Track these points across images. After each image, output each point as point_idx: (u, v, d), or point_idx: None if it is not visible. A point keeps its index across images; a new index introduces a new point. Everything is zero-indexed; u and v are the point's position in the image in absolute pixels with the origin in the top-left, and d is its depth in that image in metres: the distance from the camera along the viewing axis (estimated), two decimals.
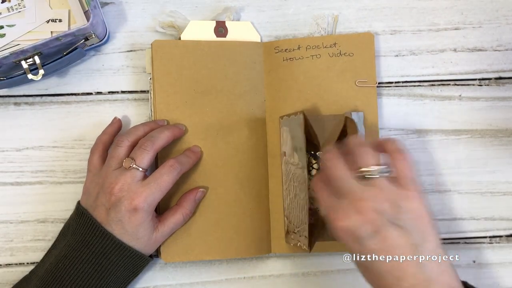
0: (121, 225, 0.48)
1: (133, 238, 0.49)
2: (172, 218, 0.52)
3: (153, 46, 0.54)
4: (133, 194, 0.48)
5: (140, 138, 0.51)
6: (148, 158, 0.49)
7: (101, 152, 0.52)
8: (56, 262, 0.49)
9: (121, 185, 0.48)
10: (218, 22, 0.57)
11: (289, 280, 0.58)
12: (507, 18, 0.59)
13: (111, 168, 0.50)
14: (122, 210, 0.48)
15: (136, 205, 0.48)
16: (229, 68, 0.56)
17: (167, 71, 0.54)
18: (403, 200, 0.43)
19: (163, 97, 0.54)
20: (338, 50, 0.56)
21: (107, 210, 0.49)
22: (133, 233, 0.49)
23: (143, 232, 0.49)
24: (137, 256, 0.50)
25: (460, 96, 0.59)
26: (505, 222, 0.58)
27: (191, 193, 0.53)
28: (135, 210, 0.48)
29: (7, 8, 0.55)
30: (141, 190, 0.48)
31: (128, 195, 0.48)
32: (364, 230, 0.42)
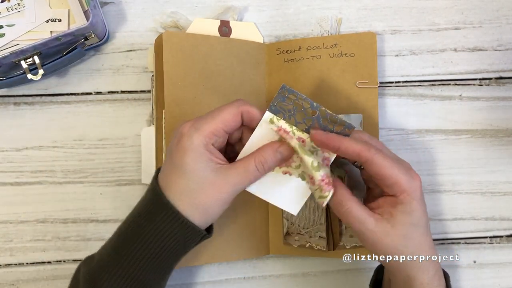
0: (169, 157, 0.42)
1: (181, 173, 0.40)
2: (243, 162, 0.42)
3: (164, 37, 0.52)
4: (188, 121, 0.42)
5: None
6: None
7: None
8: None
9: (192, 119, 0.43)
10: (222, 21, 0.57)
11: (289, 280, 0.58)
12: (508, 18, 0.59)
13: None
14: (173, 139, 0.42)
15: (182, 130, 0.41)
16: (237, 67, 0.56)
17: (177, 63, 0.53)
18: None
19: (172, 89, 0.52)
20: (339, 51, 0.56)
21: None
22: (180, 166, 0.40)
23: (191, 163, 0.40)
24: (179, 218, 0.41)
25: (461, 96, 0.59)
26: (505, 222, 0.58)
27: (272, 142, 0.43)
28: (181, 135, 0.41)
29: (7, 8, 0.55)
30: (198, 117, 0.42)
31: (185, 123, 0.42)
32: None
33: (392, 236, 0.42)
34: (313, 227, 0.54)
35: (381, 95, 0.58)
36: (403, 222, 0.42)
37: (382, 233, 0.42)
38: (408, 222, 0.42)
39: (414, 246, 0.43)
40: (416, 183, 0.42)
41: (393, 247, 0.42)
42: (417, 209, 0.42)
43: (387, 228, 0.42)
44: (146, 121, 0.58)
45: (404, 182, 0.42)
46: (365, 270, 0.58)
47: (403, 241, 0.42)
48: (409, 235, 0.42)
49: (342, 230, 0.55)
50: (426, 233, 0.44)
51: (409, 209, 0.42)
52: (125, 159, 0.57)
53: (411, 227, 0.42)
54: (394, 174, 0.42)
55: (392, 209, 0.42)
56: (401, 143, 0.58)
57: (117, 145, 0.57)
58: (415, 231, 0.43)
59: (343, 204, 0.42)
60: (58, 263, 0.57)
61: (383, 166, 0.42)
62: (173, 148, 0.42)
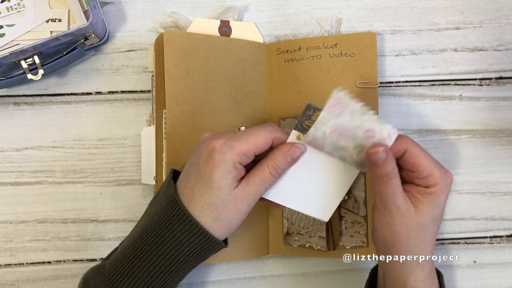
0: (196, 169, 0.42)
1: (207, 188, 0.41)
2: (257, 171, 0.43)
3: (165, 37, 0.52)
4: (220, 137, 0.43)
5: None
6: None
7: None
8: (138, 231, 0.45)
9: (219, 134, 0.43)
10: (222, 21, 0.57)
11: (289, 280, 0.58)
12: (508, 18, 0.59)
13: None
14: (202, 152, 0.42)
15: (214, 145, 0.42)
16: (237, 67, 0.56)
17: (178, 63, 0.53)
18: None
19: (173, 89, 0.52)
20: (339, 51, 0.56)
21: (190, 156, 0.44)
22: (208, 180, 0.41)
23: (219, 179, 0.41)
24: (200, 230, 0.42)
25: (461, 96, 0.59)
26: (505, 222, 0.58)
27: (281, 146, 0.44)
28: (213, 150, 0.42)
29: (7, 8, 0.55)
30: (230, 134, 0.43)
31: (214, 138, 0.43)
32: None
33: (410, 219, 0.43)
34: (313, 227, 0.54)
35: (381, 95, 0.58)
36: (426, 212, 0.43)
37: (406, 212, 0.43)
38: (430, 214, 0.43)
39: (423, 240, 0.44)
40: (448, 180, 0.44)
41: (405, 231, 0.43)
42: (442, 205, 0.44)
43: (411, 210, 0.43)
44: (146, 121, 0.58)
45: (438, 175, 0.43)
46: (365, 270, 0.58)
47: (417, 230, 0.43)
48: (425, 227, 0.43)
49: (342, 230, 0.55)
50: (436, 231, 0.45)
51: (437, 202, 0.43)
52: (125, 159, 0.57)
53: (430, 220, 0.43)
54: (429, 166, 0.43)
55: (420, 196, 0.43)
56: None
57: (117, 145, 0.57)
58: (432, 226, 0.44)
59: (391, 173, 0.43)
60: (58, 263, 0.57)
61: (419, 156, 0.43)
62: (202, 162, 0.42)
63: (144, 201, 0.57)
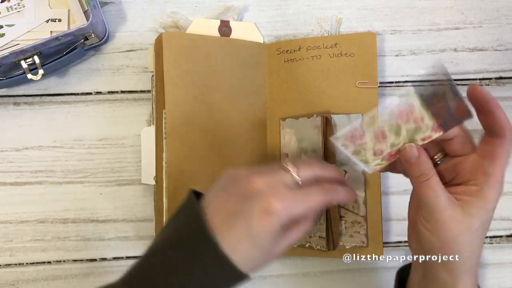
0: (246, 224, 0.38)
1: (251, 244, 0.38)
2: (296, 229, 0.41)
3: (164, 37, 0.52)
4: (277, 193, 0.39)
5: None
6: (311, 174, 0.41)
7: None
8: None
9: (267, 178, 0.39)
10: (222, 21, 0.57)
11: (289, 280, 0.58)
12: (508, 18, 0.59)
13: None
14: (255, 207, 0.38)
15: (273, 207, 0.38)
16: (237, 67, 0.56)
17: (177, 63, 0.53)
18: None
19: (172, 89, 0.52)
20: (339, 51, 0.56)
21: (234, 198, 0.39)
22: (255, 237, 0.38)
23: (267, 241, 0.38)
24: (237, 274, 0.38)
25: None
26: (505, 222, 0.58)
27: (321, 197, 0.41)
28: (270, 211, 0.38)
29: (7, 8, 0.55)
30: (288, 193, 0.39)
31: (270, 192, 0.38)
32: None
33: (459, 223, 0.40)
34: (313, 227, 0.54)
35: (381, 95, 0.58)
36: (476, 215, 0.40)
37: (450, 215, 0.40)
38: (479, 217, 0.40)
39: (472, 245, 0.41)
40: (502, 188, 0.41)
41: (455, 235, 0.40)
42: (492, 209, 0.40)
43: (458, 213, 0.40)
44: (146, 121, 0.58)
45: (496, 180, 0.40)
46: (365, 270, 0.58)
47: (466, 234, 0.40)
48: (474, 231, 0.40)
49: (342, 230, 0.55)
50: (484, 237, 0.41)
51: (488, 206, 0.40)
52: (125, 159, 0.57)
53: (481, 225, 0.40)
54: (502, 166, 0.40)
55: (471, 199, 0.40)
56: None
57: (117, 145, 0.57)
58: (483, 231, 0.41)
59: (426, 174, 0.41)
60: (58, 263, 0.57)
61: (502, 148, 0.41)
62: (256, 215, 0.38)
63: (144, 201, 0.57)
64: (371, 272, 0.58)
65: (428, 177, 0.41)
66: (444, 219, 0.40)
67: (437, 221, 0.41)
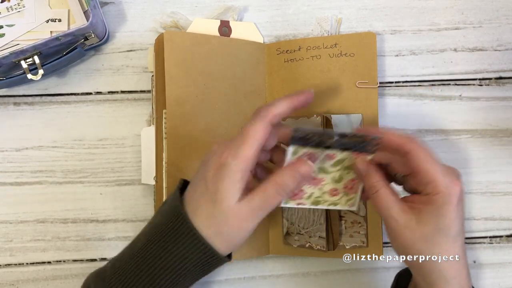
0: (204, 182, 0.41)
1: (212, 200, 0.40)
2: (262, 187, 0.41)
3: (165, 36, 0.52)
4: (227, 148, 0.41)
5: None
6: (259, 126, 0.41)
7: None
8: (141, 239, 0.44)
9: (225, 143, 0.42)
10: (222, 21, 0.57)
11: (289, 280, 0.58)
12: (508, 18, 0.59)
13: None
14: (210, 165, 0.41)
15: (221, 158, 0.40)
16: (237, 67, 0.56)
17: (178, 63, 0.53)
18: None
19: (173, 89, 0.52)
20: (339, 51, 0.56)
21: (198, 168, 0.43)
22: (213, 193, 0.40)
23: (224, 193, 0.40)
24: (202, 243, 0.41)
25: (461, 96, 0.59)
26: (505, 222, 0.58)
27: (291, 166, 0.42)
28: (220, 164, 0.40)
29: (7, 8, 0.55)
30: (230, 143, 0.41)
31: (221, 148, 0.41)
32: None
33: (413, 231, 0.41)
34: (313, 227, 0.54)
35: (381, 95, 0.58)
36: (428, 222, 0.41)
37: (405, 225, 0.41)
38: (433, 225, 0.41)
39: (436, 251, 0.41)
40: (455, 189, 0.40)
41: (411, 243, 0.41)
42: (448, 216, 0.40)
43: (411, 222, 0.41)
44: (146, 121, 0.58)
45: (441, 183, 0.40)
46: (365, 270, 0.58)
47: (423, 242, 0.41)
48: (431, 239, 0.41)
49: (342, 230, 0.55)
50: (453, 245, 0.41)
51: (439, 212, 0.40)
52: (125, 159, 0.57)
53: (435, 232, 0.41)
54: (433, 171, 0.40)
55: (422, 206, 0.41)
56: None
57: (117, 145, 0.57)
58: (440, 237, 0.41)
59: (374, 186, 0.42)
60: (58, 263, 0.57)
61: (424, 160, 0.41)
62: (210, 175, 0.41)
63: (144, 201, 0.57)
64: (371, 272, 0.58)
65: (376, 189, 0.42)
66: (398, 228, 0.42)
67: (393, 230, 0.42)
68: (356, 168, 0.44)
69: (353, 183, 0.45)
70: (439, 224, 0.41)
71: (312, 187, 0.45)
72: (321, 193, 0.45)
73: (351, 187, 0.45)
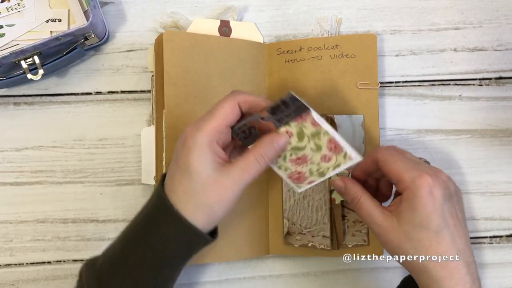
0: (175, 159, 0.42)
1: (185, 174, 0.40)
2: (242, 157, 0.42)
3: (165, 37, 0.52)
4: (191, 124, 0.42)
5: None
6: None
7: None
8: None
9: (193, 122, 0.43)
10: (222, 21, 0.57)
11: (289, 280, 0.58)
12: (507, 18, 0.59)
13: None
14: (179, 143, 0.42)
15: (185, 132, 0.41)
16: (237, 67, 0.56)
17: (177, 63, 0.53)
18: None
19: (172, 89, 0.52)
20: (340, 52, 0.56)
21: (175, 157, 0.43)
22: (184, 166, 0.40)
23: (195, 163, 0.40)
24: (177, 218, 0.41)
25: (461, 96, 0.59)
26: (505, 222, 0.58)
27: (268, 136, 0.43)
28: (185, 137, 0.41)
29: (7, 8, 0.55)
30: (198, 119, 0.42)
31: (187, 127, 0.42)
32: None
33: (396, 232, 0.42)
34: (316, 227, 0.54)
35: (381, 95, 0.58)
36: (407, 220, 0.42)
37: (388, 227, 0.43)
38: (410, 221, 0.41)
39: (421, 251, 0.42)
40: (420, 181, 0.41)
41: (397, 244, 0.42)
42: (420, 209, 0.41)
43: (394, 223, 0.42)
44: (146, 121, 0.58)
45: (406, 178, 0.42)
46: (365, 270, 0.58)
47: (407, 241, 0.42)
48: (413, 236, 0.41)
49: (345, 229, 0.55)
50: (438, 241, 0.41)
51: (411, 207, 0.41)
52: (125, 159, 0.57)
53: (414, 228, 0.41)
54: (397, 170, 0.43)
55: (399, 206, 0.43)
56: (401, 143, 0.58)
57: (117, 145, 0.57)
58: (420, 233, 0.41)
59: (355, 197, 0.45)
60: (58, 263, 0.57)
61: (389, 162, 0.43)
62: (179, 151, 0.42)
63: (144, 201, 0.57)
64: (371, 272, 0.58)
65: (357, 198, 0.45)
66: (383, 232, 0.43)
67: (379, 235, 0.44)
68: (336, 186, 0.47)
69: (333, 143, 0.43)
70: (414, 219, 0.41)
71: (304, 165, 0.45)
72: (317, 165, 0.45)
73: (335, 147, 0.43)
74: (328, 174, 0.45)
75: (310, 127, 0.43)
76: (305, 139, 0.44)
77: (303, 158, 0.45)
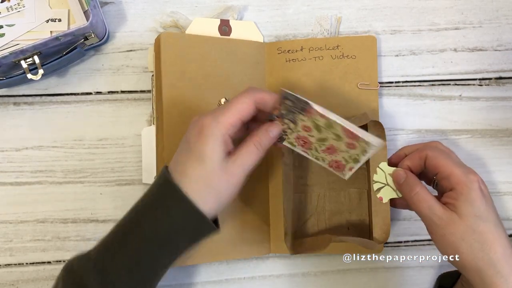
0: (187, 146, 0.44)
1: (199, 161, 0.43)
2: (243, 145, 0.45)
3: (161, 38, 0.52)
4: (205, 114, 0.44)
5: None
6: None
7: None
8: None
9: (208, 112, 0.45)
10: (222, 20, 0.57)
11: (289, 280, 0.58)
12: (507, 18, 0.59)
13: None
14: (192, 130, 0.44)
15: (203, 122, 0.43)
16: (236, 67, 0.56)
17: (175, 64, 0.53)
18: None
19: (170, 90, 0.52)
20: (341, 52, 0.56)
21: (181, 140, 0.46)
22: (199, 154, 0.43)
23: (210, 152, 0.43)
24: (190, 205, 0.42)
25: (460, 96, 0.59)
26: (505, 222, 0.58)
27: (264, 125, 0.46)
28: (202, 126, 0.43)
29: (7, 8, 0.55)
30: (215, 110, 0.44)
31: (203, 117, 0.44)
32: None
33: (458, 224, 0.43)
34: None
35: (381, 95, 0.58)
36: (467, 212, 0.43)
37: (449, 220, 0.44)
38: (472, 213, 0.43)
39: (485, 243, 0.43)
40: (472, 177, 0.44)
41: (460, 237, 0.43)
42: (478, 200, 0.43)
43: (454, 216, 0.43)
44: (146, 121, 0.58)
45: (459, 173, 0.44)
46: (365, 270, 0.58)
47: (471, 233, 0.43)
48: (475, 228, 0.43)
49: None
50: (498, 232, 0.43)
51: (470, 198, 0.43)
52: (125, 159, 0.57)
53: (476, 220, 0.43)
54: (448, 165, 0.45)
55: (455, 201, 0.44)
56: (401, 143, 0.58)
57: (117, 145, 0.57)
58: (483, 225, 0.43)
59: (413, 188, 0.46)
60: (58, 263, 0.57)
61: (438, 158, 0.46)
62: (193, 139, 0.44)
63: None
64: (371, 272, 0.58)
65: (416, 190, 0.46)
66: (443, 225, 0.44)
67: (439, 228, 0.44)
68: (398, 176, 0.48)
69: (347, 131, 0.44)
70: (475, 212, 0.43)
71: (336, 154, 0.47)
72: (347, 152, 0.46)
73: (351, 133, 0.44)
74: (361, 160, 0.46)
75: (320, 119, 0.44)
76: (323, 130, 0.45)
77: (332, 148, 0.46)
